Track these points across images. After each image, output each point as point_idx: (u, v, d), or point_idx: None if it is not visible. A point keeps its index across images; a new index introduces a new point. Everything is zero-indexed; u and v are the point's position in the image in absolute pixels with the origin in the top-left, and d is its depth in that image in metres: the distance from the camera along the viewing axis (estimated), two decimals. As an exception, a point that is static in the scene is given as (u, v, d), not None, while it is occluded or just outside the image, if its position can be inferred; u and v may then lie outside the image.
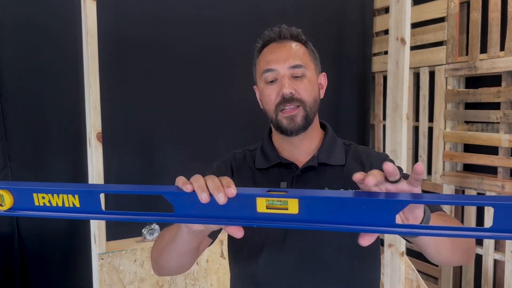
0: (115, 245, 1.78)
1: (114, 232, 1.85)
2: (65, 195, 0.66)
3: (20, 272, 1.90)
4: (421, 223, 0.67)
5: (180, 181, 0.63)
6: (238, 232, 0.66)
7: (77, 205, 0.66)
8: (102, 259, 1.69)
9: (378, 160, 0.99)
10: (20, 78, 1.88)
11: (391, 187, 0.61)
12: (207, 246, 0.97)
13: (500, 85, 2.20)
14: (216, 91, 2.31)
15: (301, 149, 0.99)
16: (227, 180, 0.63)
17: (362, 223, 0.59)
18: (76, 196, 0.66)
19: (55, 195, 0.67)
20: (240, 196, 0.62)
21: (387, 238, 1.81)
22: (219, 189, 0.61)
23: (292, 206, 0.60)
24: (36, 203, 0.68)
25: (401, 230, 0.61)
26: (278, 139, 1.02)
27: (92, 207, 0.66)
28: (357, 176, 0.60)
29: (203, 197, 0.61)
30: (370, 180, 0.59)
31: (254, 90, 1.06)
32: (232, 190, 0.60)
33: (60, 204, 0.67)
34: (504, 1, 2.14)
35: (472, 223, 2.32)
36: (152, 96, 2.15)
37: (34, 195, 0.67)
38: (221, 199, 0.60)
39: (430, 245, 0.76)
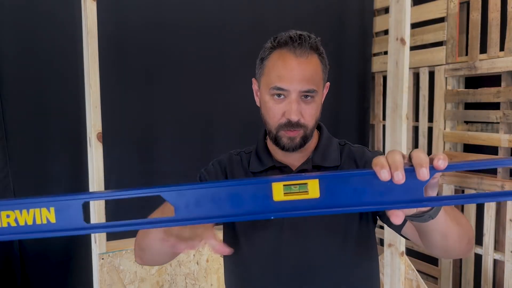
0: (115, 245, 1.78)
1: (114, 232, 1.85)
2: (36, 210, 0.54)
3: (20, 272, 1.90)
4: (429, 211, 0.65)
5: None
6: (223, 248, 0.64)
7: (52, 220, 0.54)
8: (103, 259, 1.69)
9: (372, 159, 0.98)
10: (20, 78, 1.88)
11: None
12: None
13: (500, 85, 2.20)
14: (216, 92, 2.31)
15: (295, 153, 0.97)
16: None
17: (390, 200, 0.54)
18: (52, 209, 0.55)
19: (24, 211, 0.54)
20: (252, 185, 0.55)
21: (387, 238, 1.80)
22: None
23: (313, 189, 0.54)
24: None
25: (432, 203, 0.56)
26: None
27: (71, 222, 0.55)
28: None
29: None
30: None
31: (252, 82, 1.01)
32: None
33: (30, 222, 0.54)
34: (504, 1, 2.14)
35: (472, 217, 2.32)
36: (152, 95, 2.16)
37: None
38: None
39: (438, 230, 0.73)
